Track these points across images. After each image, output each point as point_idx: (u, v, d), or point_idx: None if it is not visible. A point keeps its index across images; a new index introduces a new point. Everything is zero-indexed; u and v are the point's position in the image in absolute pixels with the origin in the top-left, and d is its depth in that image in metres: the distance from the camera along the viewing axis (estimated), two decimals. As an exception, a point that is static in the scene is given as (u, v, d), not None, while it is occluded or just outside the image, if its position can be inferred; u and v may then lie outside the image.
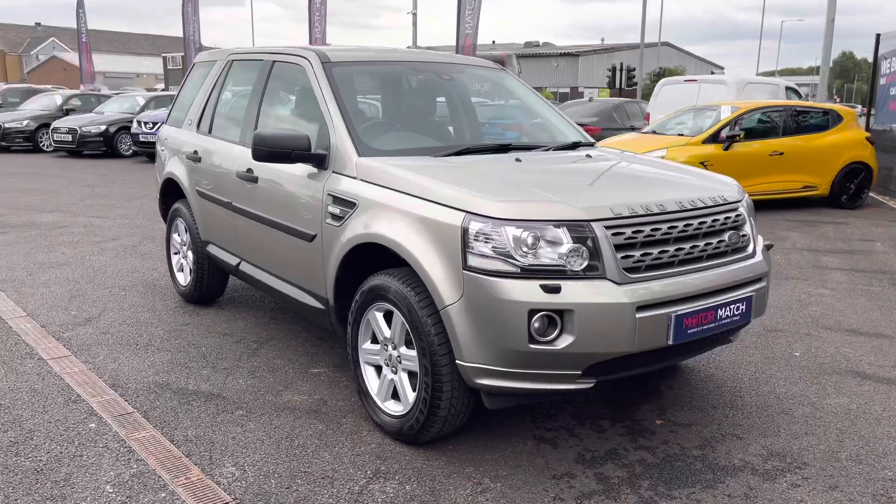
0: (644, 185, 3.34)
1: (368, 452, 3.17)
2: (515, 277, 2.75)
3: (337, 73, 3.90)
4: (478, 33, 20.81)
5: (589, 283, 2.79)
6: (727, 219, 3.24)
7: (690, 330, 2.95)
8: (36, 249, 7.12)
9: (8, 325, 4.83)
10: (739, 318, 3.15)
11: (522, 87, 4.66)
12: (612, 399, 3.77)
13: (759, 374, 4.12)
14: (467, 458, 3.13)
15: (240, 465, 3.05)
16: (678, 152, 9.46)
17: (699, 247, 3.09)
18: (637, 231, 2.91)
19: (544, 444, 3.27)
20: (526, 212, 2.81)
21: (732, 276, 3.13)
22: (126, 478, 2.95)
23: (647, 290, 2.84)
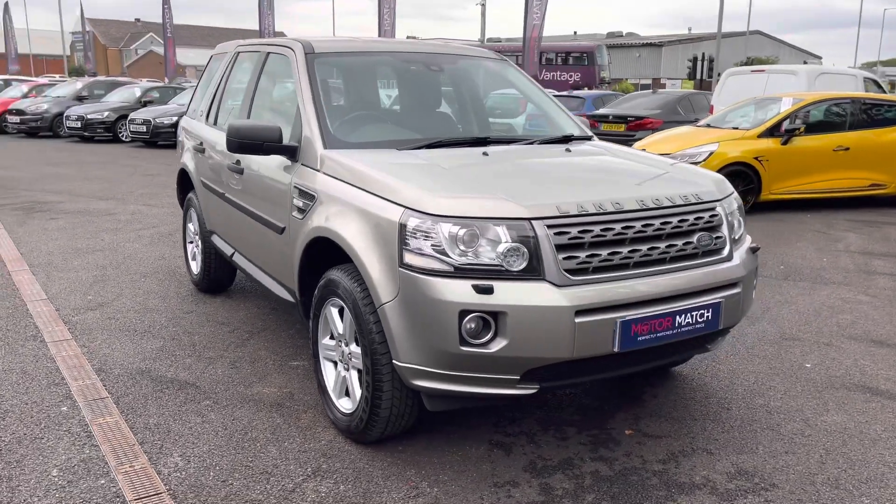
0: (608, 182, 3.15)
1: (316, 450, 3.13)
2: (448, 276, 2.64)
3: (319, 64, 3.87)
4: (544, 24, 20.49)
5: (525, 284, 2.65)
6: (698, 219, 3.02)
7: (641, 337, 2.76)
8: (79, 235, 7.43)
9: (26, 308, 5.04)
10: (705, 326, 2.93)
11: (522, 78, 4.50)
12: (586, 405, 3.60)
13: (758, 386, 3.85)
14: (413, 460, 3.05)
15: (186, 456, 3.07)
16: (731, 147, 9.03)
17: (659, 249, 2.89)
18: (584, 231, 2.74)
19: (497, 450, 3.14)
20: (463, 208, 2.70)
21: (696, 281, 2.92)
22: (74, 462, 3.01)
23: (589, 294, 2.67)
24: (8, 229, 7.74)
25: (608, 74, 41.41)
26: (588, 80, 38.45)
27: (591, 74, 39.43)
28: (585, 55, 40.13)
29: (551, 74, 40.53)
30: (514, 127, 4.37)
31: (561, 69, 40.69)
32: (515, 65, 4.59)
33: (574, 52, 40.79)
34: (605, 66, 40.55)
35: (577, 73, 39.93)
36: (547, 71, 40.63)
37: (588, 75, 39.35)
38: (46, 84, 23.51)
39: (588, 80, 38.45)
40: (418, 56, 4.21)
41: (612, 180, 3.20)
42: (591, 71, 39.67)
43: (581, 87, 35.90)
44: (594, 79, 38.89)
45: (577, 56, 40.51)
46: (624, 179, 3.22)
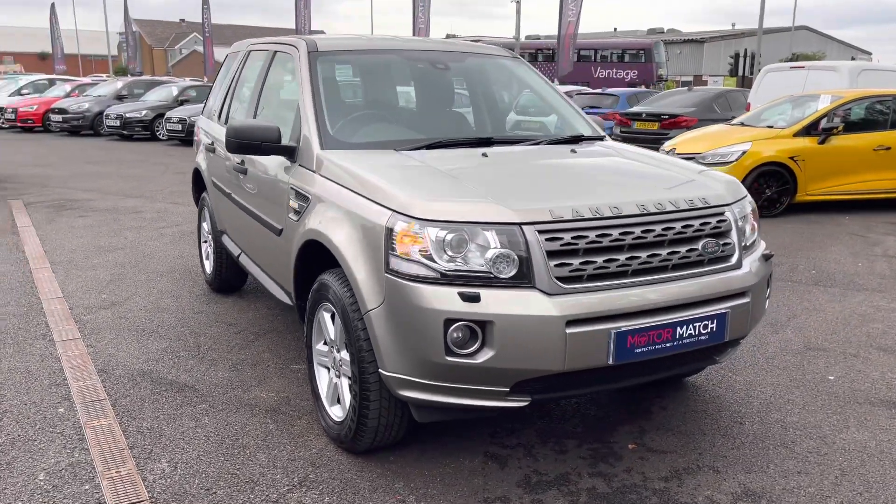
0: (609, 185, 3.01)
1: (305, 458, 3.05)
2: (434, 283, 2.54)
3: (323, 62, 3.79)
4: (580, 21, 20.19)
5: (514, 292, 2.53)
6: (704, 224, 2.86)
7: (638, 349, 2.62)
8: (103, 233, 7.51)
9: (41, 306, 5.08)
10: (709, 338, 2.78)
11: (534, 76, 4.36)
12: (590, 415, 3.46)
13: (775, 399, 3.66)
14: (403, 472, 2.95)
15: (173, 462, 3.02)
16: (764, 146, 8.73)
17: (661, 256, 2.74)
18: (578, 237, 2.61)
19: (492, 463, 3.03)
20: (451, 212, 2.59)
21: (700, 290, 2.76)
22: (62, 467, 2.98)
23: (582, 303, 2.54)
24: (37, 226, 7.86)
25: (665, 72, 40.42)
26: (645, 77, 37.47)
27: (649, 71, 38.48)
28: (643, 52, 39.21)
29: (606, 72, 39.74)
30: (545, 125, 4.20)
31: (617, 66, 39.84)
32: (528, 63, 4.45)
33: (631, 49, 39.98)
34: (663, 63, 39.57)
35: (634, 70, 39.05)
36: (602, 68, 39.92)
37: (645, 72, 38.38)
38: (88, 83, 24.00)
39: (645, 77, 37.47)
40: (425, 54, 4.11)
41: (614, 183, 3.05)
42: (648, 68, 38.74)
43: (637, 85, 35.23)
44: (651, 76, 37.88)
45: (634, 53, 39.62)
46: (627, 182, 3.07)
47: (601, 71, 40.11)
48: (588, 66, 40.20)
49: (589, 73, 39.46)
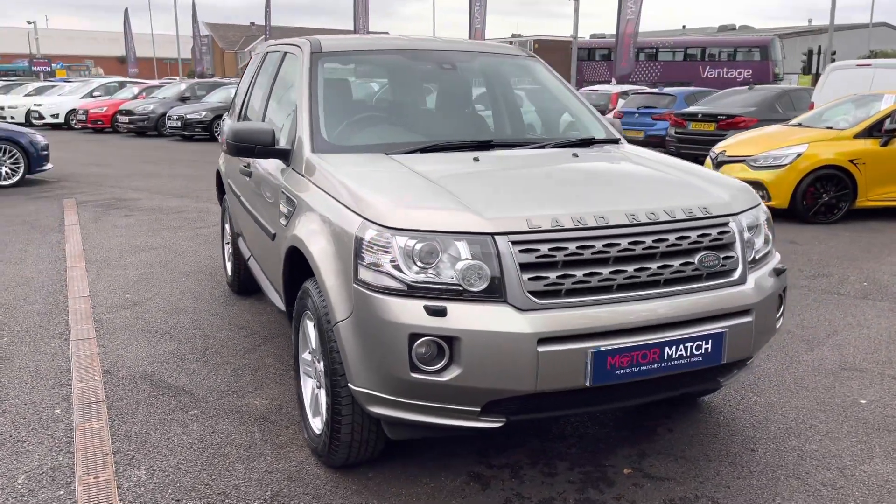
0: (601, 192, 2.81)
1: (283, 471, 2.97)
2: (401, 295, 2.41)
3: (325, 63, 3.71)
4: (640, 19, 19.66)
5: (484, 307, 2.37)
6: (702, 236, 2.65)
7: (620, 371, 2.43)
8: (142, 233, 7.65)
9: (66, 305, 5.17)
10: (703, 360, 2.56)
11: (549, 76, 4.17)
12: (589, 435, 3.27)
13: (796, 424, 3.39)
14: (379, 490, 2.83)
15: (151, 470, 2.97)
16: (822, 148, 8.26)
17: (651, 270, 2.54)
18: (557, 248, 2.43)
19: (475, 483, 2.88)
20: (421, 220, 2.45)
21: (693, 308, 2.55)
22: (44, 470, 2.97)
23: (556, 320, 2.37)
24: (82, 225, 8.08)
25: (781, 70, 37.55)
26: (760, 76, 34.40)
27: (765, 71, 35.54)
28: (758, 50, 36.73)
29: (717, 72, 37.56)
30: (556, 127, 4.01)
31: (728, 66, 37.47)
32: (544, 62, 4.27)
33: (743, 47, 37.89)
34: (779, 61, 36.87)
35: (748, 69, 36.31)
36: (711, 68, 38.00)
37: (760, 72, 35.38)
38: (155, 86, 24.74)
39: (760, 76, 34.40)
40: (433, 54, 3.98)
41: (608, 191, 2.85)
42: (764, 67, 35.85)
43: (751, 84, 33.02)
44: (768, 75, 35.00)
45: (747, 51, 37.23)
46: (622, 190, 2.87)
47: (710, 71, 37.76)
48: (695, 65, 38.44)
49: (696, 72, 37.55)
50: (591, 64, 42.00)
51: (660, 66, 39.89)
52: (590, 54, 41.73)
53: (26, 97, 25.98)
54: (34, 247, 7.00)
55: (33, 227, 7.99)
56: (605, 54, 39.41)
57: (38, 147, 11.21)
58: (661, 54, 40.29)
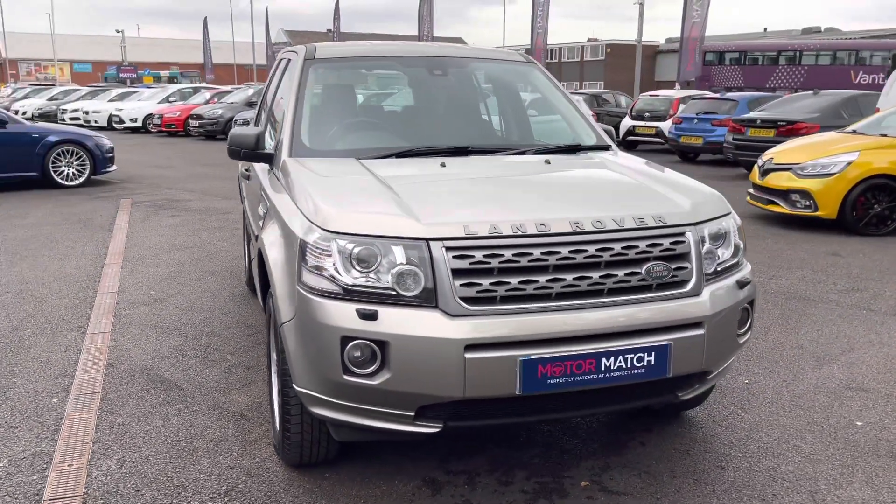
0: (555, 200, 2.78)
1: (244, 467, 3.04)
2: (336, 298, 2.44)
3: (317, 69, 3.79)
4: (707, 21, 19.15)
5: (415, 312, 2.38)
6: (652, 246, 2.58)
7: (553, 380, 2.39)
8: (183, 232, 7.94)
9: (93, 300, 5.43)
10: (646, 372, 2.49)
11: (546, 82, 4.13)
12: (555, 445, 3.21)
13: (779, 444, 3.25)
14: (331, 491, 2.86)
15: (122, 461, 3.10)
16: (875, 156, 7.87)
17: (591, 279, 2.49)
18: (492, 255, 2.42)
19: (426, 489, 2.88)
20: (361, 225, 2.48)
21: (634, 318, 2.48)
22: (25, 456, 3.14)
23: (485, 327, 2.35)
24: (131, 224, 8.45)
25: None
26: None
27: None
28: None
29: (871, 77, 34.88)
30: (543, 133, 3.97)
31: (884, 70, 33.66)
32: (543, 68, 4.23)
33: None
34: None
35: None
36: (865, 73, 35.57)
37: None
38: (227, 91, 25.61)
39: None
40: (426, 60, 4.00)
41: (562, 198, 2.81)
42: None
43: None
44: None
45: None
46: (577, 197, 2.83)
47: (863, 76, 35.02)
48: (845, 70, 35.96)
49: (845, 78, 34.89)
50: (720, 68, 38.89)
51: (803, 71, 37.50)
52: (720, 58, 38.51)
53: (109, 102, 27.35)
54: (81, 244, 7.37)
55: (86, 225, 8.40)
56: (737, 58, 36.74)
57: (103, 149, 11.78)
58: (805, 58, 37.98)
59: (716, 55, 38.14)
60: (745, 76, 32.52)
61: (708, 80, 34.01)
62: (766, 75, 36.11)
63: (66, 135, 11.56)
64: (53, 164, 11.27)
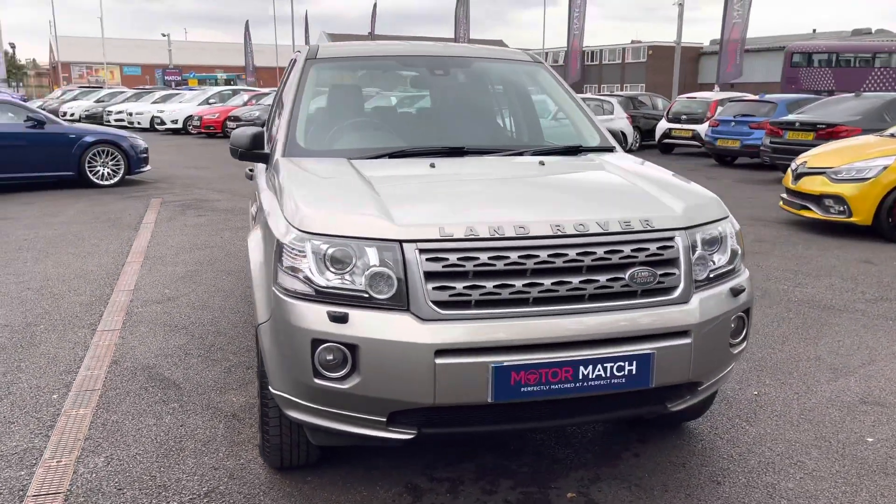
0: (539, 202, 2.69)
1: (228, 468, 3.02)
2: (308, 300, 2.40)
3: (318, 69, 3.77)
4: (748, 23, 18.71)
5: (387, 315, 2.33)
6: (638, 251, 2.48)
7: (527, 388, 2.32)
8: (206, 232, 8.02)
9: (108, 297, 5.50)
10: (626, 382, 2.40)
11: (552, 82, 4.04)
12: (547, 454, 3.13)
13: (782, 459, 3.11)
14: (311, 495, 2.82)
15: (109, 458, 3.10)
16: (912, 160, 7.56)
17: (571, 284, 2.40)
18: (467, 258, 2.35)
19: (407, 496, 2.82)
20: (334, 225, 2.44)
21: (614, 326, 2.39)
22: (17, 451, 3.17)
23: (456, 332, 2.29)
24: (157, 223, 8.57)
25: None
26: None
27: None
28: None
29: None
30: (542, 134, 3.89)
31: None
32: (550, 69, 4.14)
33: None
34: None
35: None
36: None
37: None
38: (263, 93, 25.92)
39: None
40: (428, 60, 3.95)
41: (548, 200, 2.73)
42: None
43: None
44: None
45: None
46: (564, 199, 2.75)
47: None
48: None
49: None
50: (809, 71, 34.94)
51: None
52: (808, 60, 35.70)
53: (152, 104, 27.94)
54: (106, 242, 7.50)
55: (114, 224, 8.55)
56: (826, 59, 34.19)
57: (137, 150, 12.00)
58: None
59: (803, 56, 34.94)
60: (837, 79, 29.95)
61: (795, 83, 31.43)
62: (860, 78, 33.17)
63: (101, 135, 11.80)
64: (89, 163, 11.51)
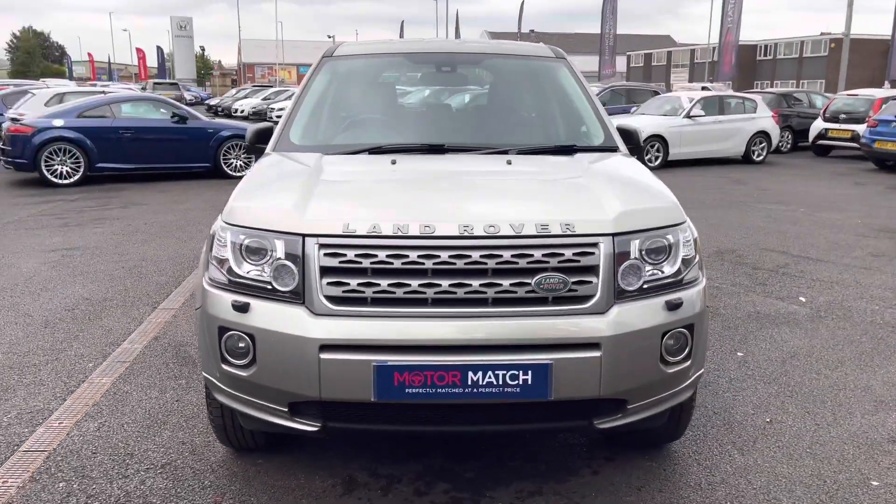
0: (465, 201, 2.61)
1: (194, 445, 3.19)
2: (221, 289, 2.51)
3: (330, 66, 3.88)
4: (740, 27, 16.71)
5: (284, 307, 2.37)
6: (550, 256, 2.35)
7: (412, 390, 2.27)
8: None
9: (183, 279, 5.95)
10: (521, 392, 2.28)
11: (570, 79, 3.86)
12: (500, 464, 3.03)
13: (754, 495, 2.81)
14: (252, 477, 2.92)
15: (101, 424, 3.37)
16: None
17: (471, 287, 2.32)
18: (364, 255, 2.34)
19: (337, 489, 2.84)
20: (252, 218, 2.52)
21: (507, 333, 2.28)
22: (34, 410, 3.53)
23: (341, 329, 2.29)
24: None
25: None
26: None
27: None
28: None
29: None
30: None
31: None
32: (571, 66, 3.96)
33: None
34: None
35: None
36: None
37: None
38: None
39: None
40: (438, 56, 3.93)
41: (475, 200, 2.64)
42: None
43: None
44: None
45: None
46: (495, 200, 2.67)
47: None
48: None
49: None
50: None
51: None
52: None
53: (262, 100, 30.41)
54: (208, 228, 8.07)
55: (227, 212, 9.18)
56: None
57: (268, 143, 12.80)
58: None
59: None
60: None
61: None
62: None
63: (236, 129, 12.69)
64: (224, 156, 12.44)
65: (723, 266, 6.44)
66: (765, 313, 5.10)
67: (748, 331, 4.73)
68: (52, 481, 2.89)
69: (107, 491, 2.83)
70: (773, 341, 4.54)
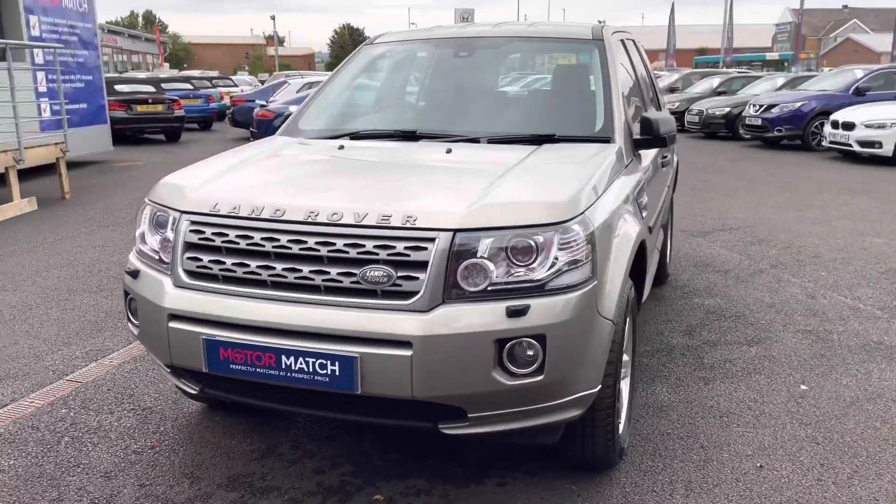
0: (339, 187, 2.66)
1: (175, 397, 3.54)
2: (139, 260, 2.79)
3: (364, 53, 4.02)
4: None
5: (159, 276, 2.59)
6: (381, 248, 2.27)
7: (235, 366, 2.36)
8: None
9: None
10: (329, 381, 2.26)
11: (597, 66, 3.51)
12: (420, 457, 2.96)
13: None
14: (196, 433, 3.19)
15: (101, 388, 3.68)
16: None
17: (302, 272, 2.33)
18: (218, 233, 2.47)
19: (254, 454, 3.01)
20: (161, 194, 2.77)
21: (317, 321, 2.27)
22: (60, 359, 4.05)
23: (184, 301, 2.46)
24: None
25: None
26: None
27: None
28: None
29: None
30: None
31: None
32: (606, 50, 3.57)
33: None
34: None
35: None
36: None
37: None
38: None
39: None
40: (459, 42, 3.84)
41: (344, 187, 2.67)
42: None
43: None
44: None
45: None
46: (365, 187, 2.64)
47: None
48: None
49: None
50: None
51: None
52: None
53: None
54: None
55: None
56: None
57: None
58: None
59: None
60: None
61: None
62: None
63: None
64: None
65: (883, 286, 5.35)
66: (889, 345, 4.20)
67: (841, 362, 3.95)
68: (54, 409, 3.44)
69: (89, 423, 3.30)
70: (860, 378, 3.75)
